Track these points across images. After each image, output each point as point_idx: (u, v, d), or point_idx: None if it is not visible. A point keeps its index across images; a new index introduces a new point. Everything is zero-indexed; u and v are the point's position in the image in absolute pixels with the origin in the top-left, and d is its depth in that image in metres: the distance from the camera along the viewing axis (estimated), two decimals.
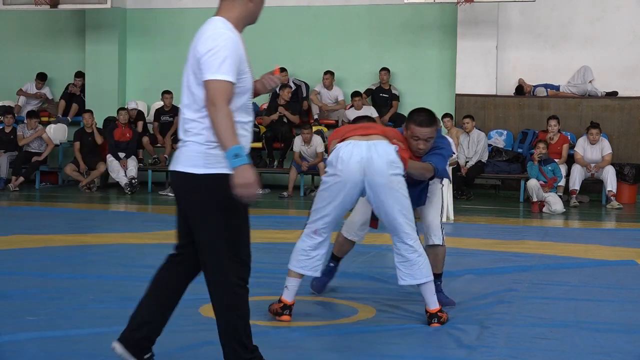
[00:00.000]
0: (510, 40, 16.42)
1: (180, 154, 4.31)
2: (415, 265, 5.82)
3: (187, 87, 4.32)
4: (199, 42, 4.24)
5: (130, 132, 16.11)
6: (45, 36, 18.47)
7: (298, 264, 5.93)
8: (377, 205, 5.82)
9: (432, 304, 5.86)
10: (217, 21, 4.32)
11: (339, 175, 5.74)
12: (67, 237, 9.89)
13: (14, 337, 5.34)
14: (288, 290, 5.95)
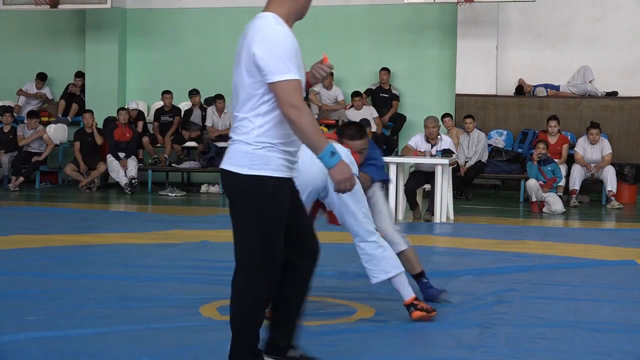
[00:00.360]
0: (510, 40, 16.42)
1: (228, 152, 4.27)
2: (383, 260, 5.87)
3: (240, 85, 4.21)
4: (255, 43, 4.12)
5: (130, 132, 16.11)
6: (45, 36, 18.47)
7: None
8: (338, 207, 5.85)
9: (407, 295, 5.95)
10: (269, 17, 4.18)
11: (299, 178, 5.71)
12: (67, 237, 9.88)
13: (14, 337, 5.34)
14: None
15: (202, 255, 8.45)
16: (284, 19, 4.18)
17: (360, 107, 16.07)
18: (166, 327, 5.72)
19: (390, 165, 11.90)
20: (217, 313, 6.08)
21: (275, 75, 4.05)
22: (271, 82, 4.06)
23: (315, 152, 4.06)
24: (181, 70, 17.74)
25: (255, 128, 4.15)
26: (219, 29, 17.64)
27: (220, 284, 7.00)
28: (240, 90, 4.19)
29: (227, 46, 17.54)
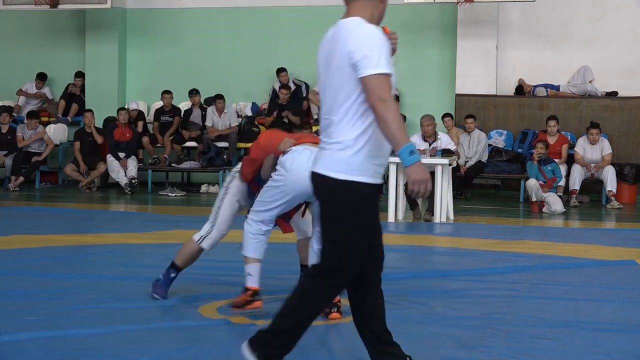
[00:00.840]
0: (510, 40, 16.42)
1: (323, 156, 4.27)
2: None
3: (333, 88, 4.23)
4: (349, 40, 4.14)
5: (130, 132, 16.11)
6: (45, 36, 18.47)
7: (253, 250, 6.03)
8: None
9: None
10: (357, 19, 4.23)
11: (287, 178, 5.83)
12: (67, 237, 9.88)
13: (14, 337, 5.34)
14: (253, 277, 6.02)
15: (201, 255, 8.42)
16: (367, 22, 4.25)
17: None
18: (166, 327, 5.73)
19: (390, 166, 11.89)
20: (217, 313, 6.09)
21: (368, 69, 4.09)
22: (363, 75, 4.10)
23: (396, 147, 4.08)
24: (181, 70, 17.74)
25: (352, 133, 4.18)
26: (219, 29, 17.64)
27: (220, 284, 7.01)
28: (334, 93, 4.22)
29: (227, 46, 17.60)
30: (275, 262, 7.47)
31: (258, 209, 6.01)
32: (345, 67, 4.14)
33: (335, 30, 4.29)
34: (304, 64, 17.22)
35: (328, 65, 4.25)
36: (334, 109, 4.22)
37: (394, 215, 11.75)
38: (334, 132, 4.21)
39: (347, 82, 4.16)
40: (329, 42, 4.31)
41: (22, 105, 18.16)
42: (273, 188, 5.93)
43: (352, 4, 4.31)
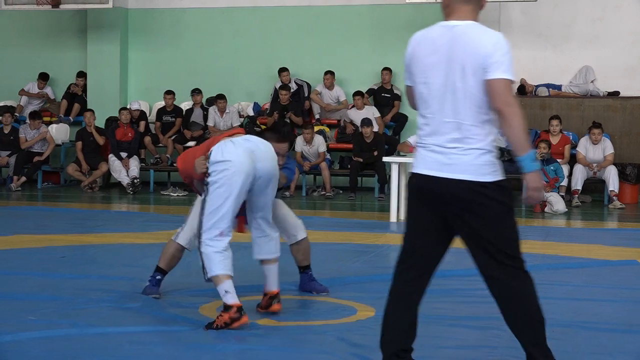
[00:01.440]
0: (512, 40, 16.30)
1: (463, 161, 4.26)
2: (273, 241, 6.05)
3: (466, 92, 4.23)
4: (483, 45, 4.24)
5: (132, 132, 16.12)
6: (47, 36, 18.48)
7: (220, 267, 5.66)
8: (261, 191, 5.87)
9: (276, 285, 6.09)
10: (476, 24, 4.39)
11: (230, 168, 5.64)
12: (69, 237, 9.89)
13: (16, 336, 5.34)
14: (231, 293, 5.64)
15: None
16: None
17: (362, 106, 16.07)
18: (167, 327, 5.72)
19: (393, 165, 11.89)
20: (217, 313, 6.08)
21: (498, 73, 4.18)
22: (492, 78, 4.17)
23: (520, 153, 4.22)
24: (183, 70, 17.74)
25: (487, 135, 4.28)
26: (221, 28, 17.65)
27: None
28: (465, 97, 4.22)
29: (229, 46, 17.60)
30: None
31: (212, 221, 5.64)
32: (480, 71, 4.20)
33: (451, 32, 4.31)
34: (306, 64, 17.24)
35: (450, 67, 4.24)
36: (463, 112, 4.23)
37: (396, 215, 11.74)
38: (471, 137, 4.25)
39: (479, 85, 4.21)
40: (444, 44, 4.29)
41: (24, 105, 18.16)
42: (218, 189, 5.65)
43: (462, 7, 4.39)
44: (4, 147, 16.49)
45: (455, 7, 4.36)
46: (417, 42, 4.37)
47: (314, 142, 15.32)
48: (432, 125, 4.30)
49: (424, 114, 4.33)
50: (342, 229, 10.81)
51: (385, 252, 9.28)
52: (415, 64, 4.35)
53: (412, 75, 4.39)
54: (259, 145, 5.83)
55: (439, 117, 4.27)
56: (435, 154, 4.28)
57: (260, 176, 5.79)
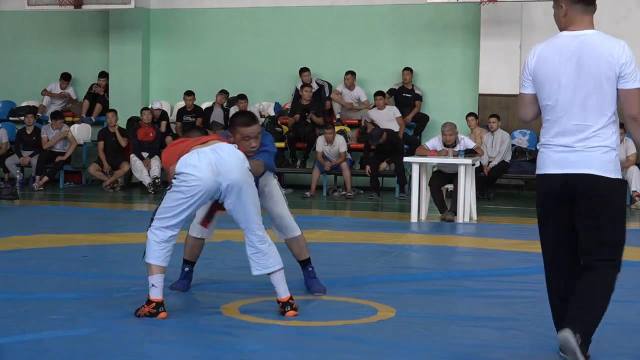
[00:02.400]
0: (534, 39, 16.30)
1: (595, 158, 4.72)
2: (266, 255, 6.01)
3: (598, 97, 4.71)
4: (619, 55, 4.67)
5: (153, 132, 16.17)
6: (69, 36, 18.57)
7: (153, 256, 5.89)
8: (235, 204, 5.91)
9: (283, 292, 6.06)
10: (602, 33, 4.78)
11: (189, 181, 5.78)
12: (91, 237, 9.94)
13: (38, 335, 5.37)
14: (157, 289, 5.88)
15: (223, 254, 8.45)
16: None
17: (383, 106, 16.05)
18: (188, 326, 5.74)
19: (413, 166, 11.87)
20: (238, 312, 6.10)
21: (635, 83, 4.68)
22: (630, 88, 4.68)
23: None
24: (204, 70, 17.78)
25: (612, 135, 4.77)
26: (242, 29, 17.67)
27: (242, 284, 7.02)
28: (596, 101, 4.70)
29: (250, 46, 17.62)
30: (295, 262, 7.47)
31: (163, 216, 5.88)
32: (614, 78, 4.67)
33: (577, 41, 4.75)
34: (327, 64, 17.24)
35: (581, 74, 4.69)
36: (593, 116, 4.72)
37: (416, 215, 11.72)
38: (599, 136, 4.72)
39: (614, 93, 4.71)
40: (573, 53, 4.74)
41: (47, 106, 18.26)
42: (176, 193, 5.84)
43: (583, 17, 4.80)
44: (26, 147, 16.58)
45: (576, 18, 4.80)
46: (543, 52, 4.87)
47: (335, 142, 15.32)
48: (560, 127, 4.77)
49: (552, 117, 4.79)
50: (363, 229, 10.81)
51: (406, 253, 9.27)
52: (542, 72, 4.82)
53: (537, 82, 4.85)
54: (225, 157, 5.85)
55: (568, 120, 4.74)
56: (563, 154, 4.75)
57: (225, 189, 5.84)
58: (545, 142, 4.84)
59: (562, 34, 4.83)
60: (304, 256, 6.84)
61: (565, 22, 4.82)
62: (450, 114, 15.31)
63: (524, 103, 4.97)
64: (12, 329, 5.50)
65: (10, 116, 18.31)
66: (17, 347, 5.15)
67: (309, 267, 6.86)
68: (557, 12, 4.88)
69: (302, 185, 16.03)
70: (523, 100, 4.97)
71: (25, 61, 18.79)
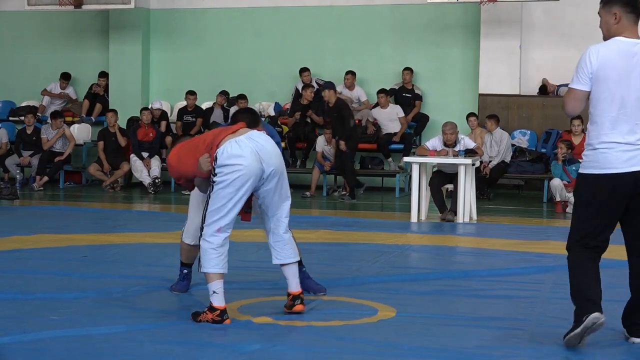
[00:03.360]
0: (534, 39, 16.35)
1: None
2: (287, 244, 6.05)
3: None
4: None
5: (153, 132, 16.16)
6: (69, 36, 18.57)
7: (211, 264, 5.78)
8: (272, 190, 5.89)
9: (295, 286, 6.09)
10: None
11: (239, 170, 5.69)
12: (91, 237, 9.94)
13: (38, 335, 5.37)
14: (218, 295, 5.79)
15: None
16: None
17: (386, 104, 16.03)
18: (188, 326, 5.74)
19: (413, 165, 11.87)
20: (238, 313, 6.10)
21: None
22: None
23: None
24: (204, 70, 17.78)
25: None
26: (242, 29, 17.67)
27: (242, 284, 7.01)
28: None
29: (250, 46, 17.62)
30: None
31: (214, 219, 5.76)
32: None
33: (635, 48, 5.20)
34: (327, 64, 17.24)
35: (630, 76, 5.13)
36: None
37: (416, 215, 11.73)
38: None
39: None
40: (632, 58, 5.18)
41: (47, 106, 18.25)
42: (221, 190, 5.74)
43: (636, 27, 5.28)
44: (26, 147, 16.58)
45: (627, 26, 5.27)
46: (605, 53, 5.28)
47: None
48: (627, 126, 5.13)
49: (614, 116, 5.15)
50: (363, 229, 10.81)
51: (406, 253, 9.28)
52: (607, 71, 5.19)
53: (599, 80, 5.20)
54: (263, 144, 5.82)
55: (628, 119, 5.13)
56: (627, 152, 5.12)
57: (268, 176, 5.82)
58: (607, 139, 5.16)
59: (620, 39, 5.26)
60: (297, 257, 6.72)
61: (616, 29, 5.30)
62: (450, 114, 15.29)
63: (575, 98, 5.29)
64: (12, 329, 5.50)
65: (10, 116, 18.31)
66: (17, 347, 5.15)
67: (303, 268, 6.73)
68: (607, 19, 5.35)
69: (302, 185, 16.02)
70: (576, 95, 5.28)
71: (25, 61, 18.79)
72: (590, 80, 5.24)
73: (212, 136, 5.92)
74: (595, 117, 5.24)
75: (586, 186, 5.31)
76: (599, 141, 5.19)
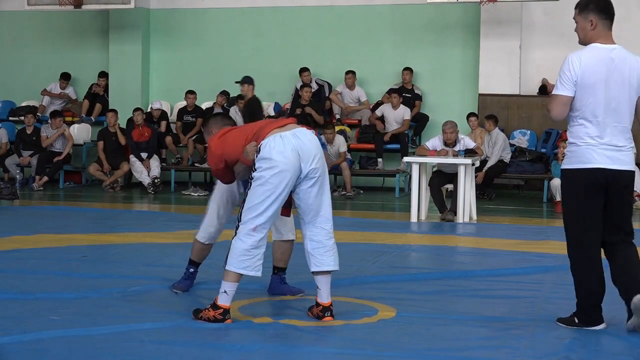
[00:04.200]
0: (534, 39, 16.35)
1: (629, 157, 5.55)
2: (329, 251, 5.85)
3: (630, 103, 5.54)
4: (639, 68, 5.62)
5: (149, 132, 16.12)
6: (69, 36, 18.57)
7: (240, 265, 5.69)
8: (311, 192, 5.77)
9: (326, 297, 5.89)
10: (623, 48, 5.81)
11: (277, 166, 5.59)
12: (91, 237, 9.94)
13: (38, 335, 5.37)
14: (227, 296, 5.73)
15: (224, 254, 8.43)
16: None
17: (398, 105, 16.00)
18: (189, 326, 5.74)
19: (413, 166, 11.87)
20: (239, 313, 6.09)
21: None
22: None
23: None
24: (204, 70, 17.78)
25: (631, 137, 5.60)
26: (242, 29, 17.67)
27: (242, 284, 7.01)
28: (628, 106, 5.52)
29: (250, 46, 17.62)
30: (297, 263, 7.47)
31: (250, 216, 5.64)
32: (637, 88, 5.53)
33: (612, 54, 5.64)
34: (327, 64, 17.25)
35: (618, 82, 5.51)
36: (627, 119, 5.54)
37: (416, 215, 11.72)
38: (629, 137, 5.55)
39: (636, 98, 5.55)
40: (610, 63, 5.57)
41: (47, 106, 18.26)
42: (259, 187, 5.63)
43: (610, 32, 5.84)
44: (26, 147, 16.58)
45: (602, 32, 5.69)
46: (587, 59, 5.53)
47: (334, 142, 15.32)
48: (601, 128, 5.44)
49: (595, 119, 5.45)
50: (363, 229, 10.80)
51: (406, 253, 9.28)
52: (590, 77, 5.47)
53: (583, 86, 5.48)
54: (306, 142, 5.70)
55: (611, 121, 5.44)
56: (609, 152, 5.44)
57: (306, 175, 5.71)
58: (589, 140, 5.46)
59: (597, 46, 5.59)
60: (282, 264, 6.66)
61: (592, 35, 5.62)
62: (450, 114, 15.29)
63: (561, 103, 5.56)
64: (12, 329, 5.50)
65: (10, 116, 18.32)
66: (17, 347, 5.14)
67: (282, 274, 6.68)
68: (584, 25, 5.63)
69: None
70: (561, 100, 5.57)
71: (25, 61, 18.80)
72: (574, 85, 5.53)
73: (260, 126, 5.83)
74: (577, 120, 5.53)
75: (568, 181, 5.61)
76: (581, 140, 5.51)
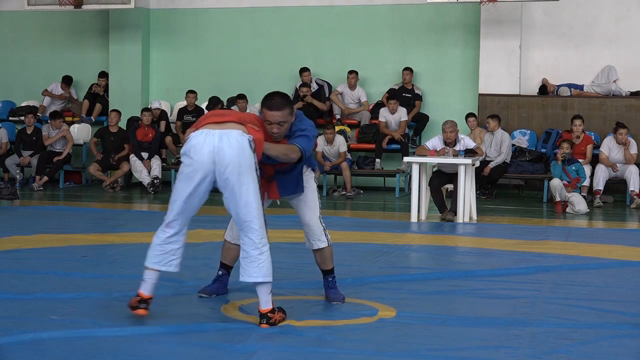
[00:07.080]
0: (534, 39, 16.35)
1: None
2: (254, 262, 5.64)
3: None
4: None
5: (152, 132, 16.16)
6: (70, 36, 18.57)
7: (152, 260, 5.85)
8: (227, 197, 5.77)
9: (264, 303, 5.69)
10: None
11: (191, 165, 5.64)
12: (91, 237, 9.93)
13: (37, 335, 5.37)
14: (145, 283, 5.86)
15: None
16: None
17: (395, 109, 16.01)
18: (189, 326, 5.74)
19: (413, 166, 11.87)
20: (239, 312, 6.09)
21: None
22: None
23: None
24: (204, 70, 17.78)
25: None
26: (242, 29, 17.68)
27: (242, 283, 7.01)
28: None
29: (250, 46, 17.63)
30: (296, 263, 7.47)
31: (167, 212, 5.83)
32: None
33: None
34: (327, 64, 17.25)
35: None
36: None
37: (416, 215, 11.72)
38: None
39: None
40: None
41: (47, 106, 18.25)
42: (178, 182, 5.76)
43: None
44: (26, 147, 16.58)
45: None
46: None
47: (334, 142, 15.32)
48: None
49: None
50: (363, 229, 10.80)
51: (406, 253, 9.27)
52: None
53: None
54: (225, 147, 5.60)
55: None
56: None
57: (221, 179, 5.71)
58: None
59: None
60: (325, 267, 6.53)
61: None
62: (450, 114, 15.29)
63: None
64: (12, 329, 5.50)
65: (10, 116, 18.31)
66: (17, 347, 5.14)
67: (329, 277, 6.55)
68: None
69: None
70: None
71: (25, 61, 18.80)
72: None
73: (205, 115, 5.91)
74: None
75: None
76: None
